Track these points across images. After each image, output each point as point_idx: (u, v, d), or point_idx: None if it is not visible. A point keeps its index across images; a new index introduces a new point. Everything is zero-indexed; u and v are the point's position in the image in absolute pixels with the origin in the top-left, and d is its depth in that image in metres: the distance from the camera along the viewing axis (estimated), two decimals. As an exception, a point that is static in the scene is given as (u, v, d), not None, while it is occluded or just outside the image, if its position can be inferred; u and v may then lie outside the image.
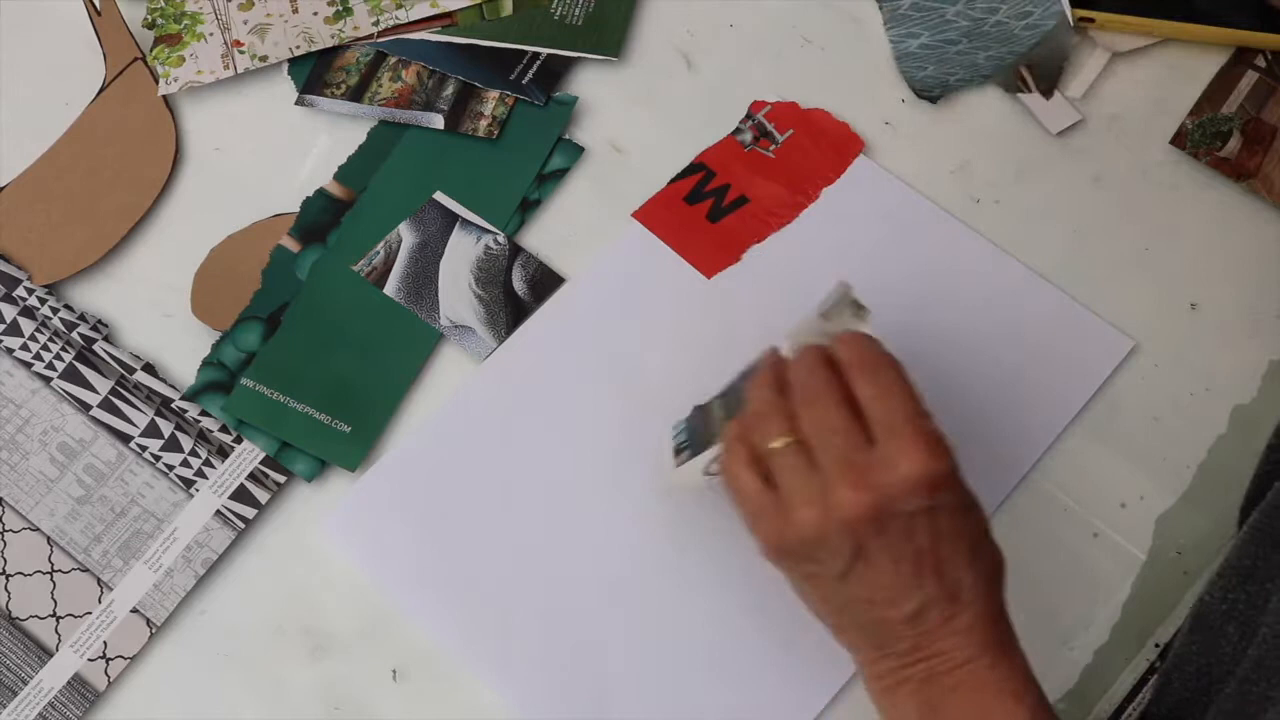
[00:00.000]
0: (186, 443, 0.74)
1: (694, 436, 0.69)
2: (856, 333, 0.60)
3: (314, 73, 0.82)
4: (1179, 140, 0.79)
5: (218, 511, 0.72)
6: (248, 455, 0.73)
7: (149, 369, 0.75)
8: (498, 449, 0.73)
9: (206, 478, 0.73)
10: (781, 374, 0.60)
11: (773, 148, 0.80)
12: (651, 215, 0.78)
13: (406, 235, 0.78)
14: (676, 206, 0.79)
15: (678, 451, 0.68)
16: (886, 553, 0.55)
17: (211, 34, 0.84)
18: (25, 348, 0.76)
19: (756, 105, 0.81)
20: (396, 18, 0.83)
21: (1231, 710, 0.55)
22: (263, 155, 0.81)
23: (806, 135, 0.80)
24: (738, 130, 0.80)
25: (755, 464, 0.58)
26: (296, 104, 0.82)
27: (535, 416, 0.74)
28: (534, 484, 0.72)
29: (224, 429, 0.74)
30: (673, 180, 0.79)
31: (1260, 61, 0.81)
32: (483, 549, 0.71)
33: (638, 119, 0.82)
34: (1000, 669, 0.56)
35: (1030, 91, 0.81)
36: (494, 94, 0.82)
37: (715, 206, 0.78)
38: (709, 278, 0.77)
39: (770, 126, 0.80)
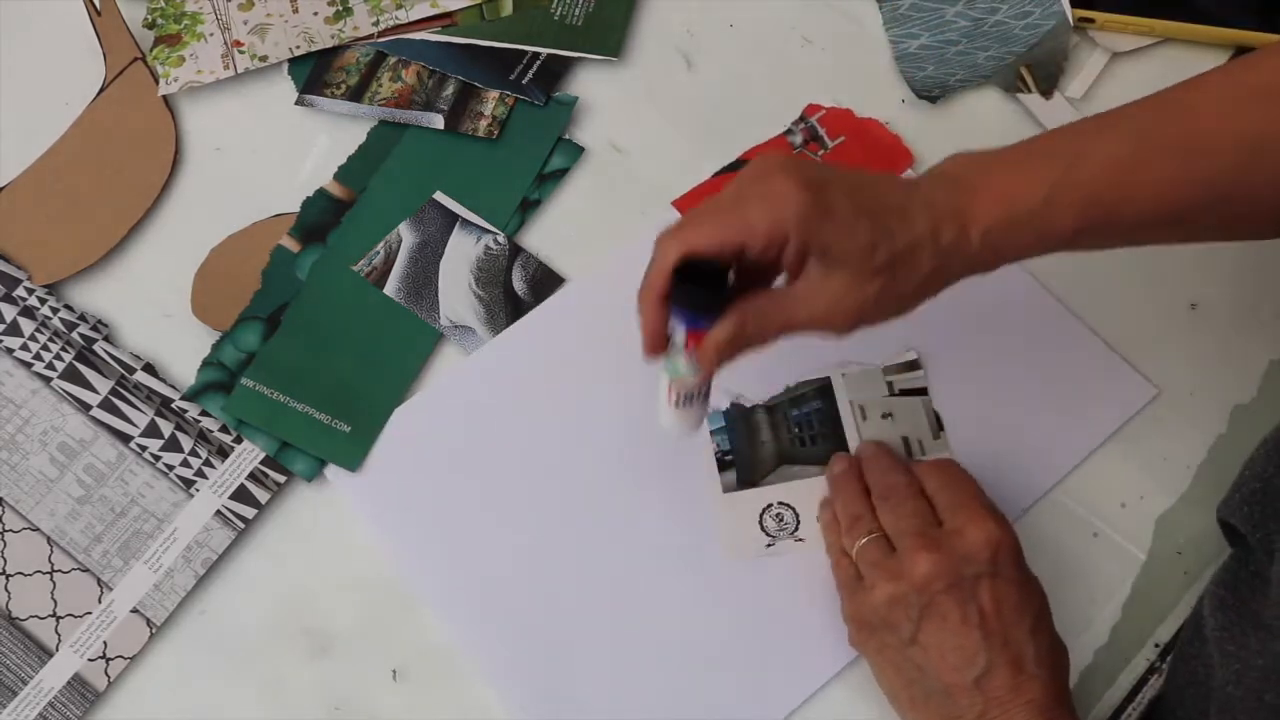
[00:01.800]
0: (186, 443, 0.74)
1: (737, 447, 0.71)
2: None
3: (314, 73, 0.82)
4: (1179, 140, 0.79)
5: (218, 511, 0.72)
6: (248, 455, 0.73)
7: (149, 369, 0.75)
8: (501, 442, 0.73)
9: (206, 478, 0.73)
10: (859, 474, 0.68)
11: (821, 152, 0.79)
12: (692, 205, 0.78)
13: (406, 235, 0.78)
14: None
15: (721, 461, 0.71)
16: (954, 611, 0.60)
17: (211, 34, 0.84)
18: (25, 348, 0.76)
19: (811, 108, 0.81)
20: (396, 18, 0.83)
21: None
22: (263, 155, 0.81)
23: (857, 143, 0.79)
24: (789, 131, 0.80)
25: (849, 562, 0.66)
26: (296, 104, 0.82)
27: (543, 408, 0.74)
28: (534, 479, 0.72)
29: (224, 429, 0.74)
30: (717, 173, 0.79)
31: (1260, 61, 0.81)
32: (483, 541, 0.71)
33: (638, 119, 0.82)
34: None
35: (1030, 91, 0.81)
36: (494, 94, 0.82)
37: None
38: None
39: (822, 131, 0.80)
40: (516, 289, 0.77)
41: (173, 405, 0.74)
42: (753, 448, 0.72)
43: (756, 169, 0.59)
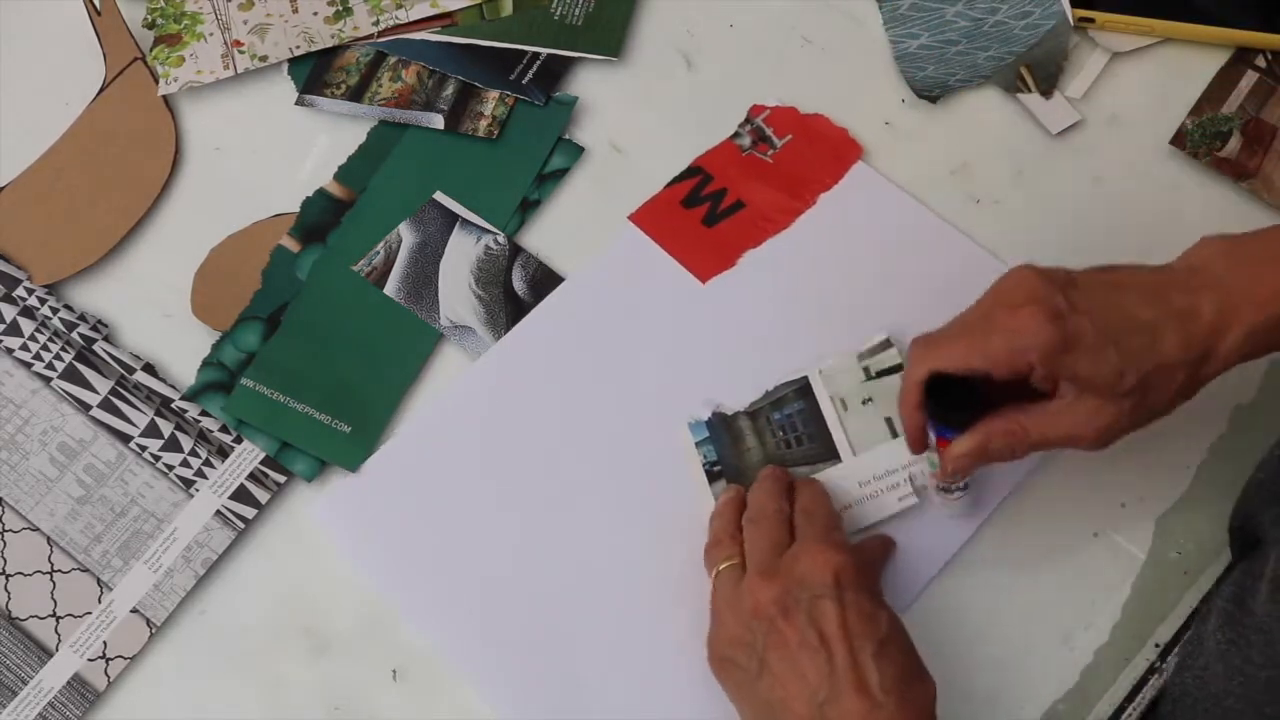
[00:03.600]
0: (186, 443, 0.74)
1: (724, 457, 0.71)
2: (813, 480, 0.69)
3: (314, 73, 0.82)
4: (1179, 140, 0.79)
5: (218, 511, 0.72)
6: (248, 455, 0.73)
7: (149, 369, 0.75)
8: (488, 450, 0.73)
9: (206, 478, 0.73)
10: (740, 503, 0.68)
11: (771, 152, 0.80)
12: (648, 218, 0.78)
13: (406, 235, 0.78)
14: (673, 210, 0.78)
15: (710, 472, 0.71)
16: (793, 635, 0.59)
17: (211, 34, 0.84)
18: (25, 348, 0.76)
19: (756, 109, 0.81)
20: (396, 18, 0.83)
21: None
22: (263, 155, 0.81)
23: (805, 140, 0.80)
24: (736, 134, 0.80)
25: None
26: (296, 104, 0.82)
27: (527, 418, 0.74)
28: (524, 486, 0.72)
29: (224, 429, 0.74)
30: (669, 184, 0.79)
31: (1260, 61, 0.81)
32: (471, 548, 0.71)
33: (638, 119, 0.82)
34: None
35: (1030, 91, 0.81)
36: (494, 94, 0.82)
37: (712, 211, 0.78)
38: (704, 282, 0.76)
39: (769, 131, 0.80)
40: (516, 289, 0.77)
41: (173, 405, 0.74)
42: (738, 456, 0.71)
43: (1007, 292, 0.61)
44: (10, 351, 0.76)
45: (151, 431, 0.74)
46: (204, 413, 0.74)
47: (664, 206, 0.79)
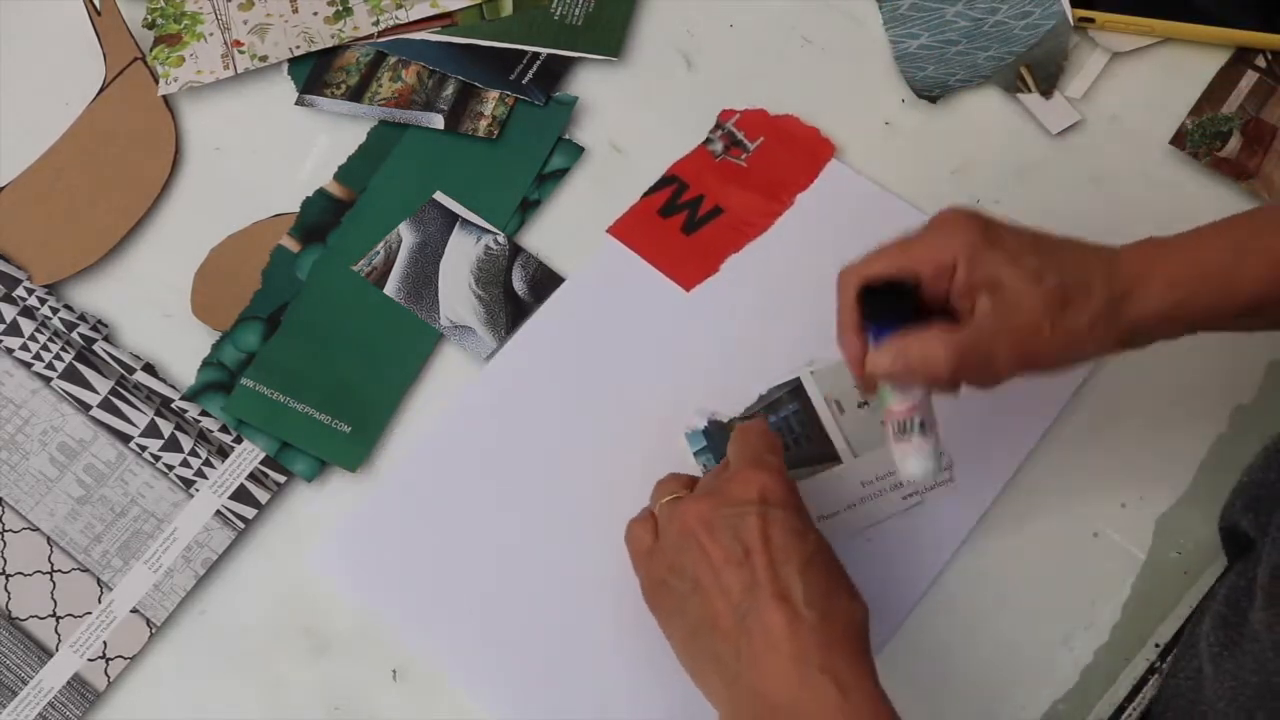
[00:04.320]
0: (186, 443, 0.74)
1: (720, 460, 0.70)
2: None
3: (314, 73, 0.82)
4: (1179, 140, 0.79)
5: (218, 511, 0.72)
6: (248, 455, 0.73)
7: (149, 369, 0.75)
8: (482, 473, 0.73)
9: (206, 478, 0.73)
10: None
11: (744, 156, 0.79)
12: (627, 230, 0.78)
13: (406, 235, 0.78)
14: (651, 220, 0.78)
15: None
16: (718, 549, 0.59)
17: (211, 34, 0.84)
18: (25, 348, 0.76)
19: (725, 114, 0.81)
20: (396, 18, 0.83)
21: None
22: (263, 155, 0.81)
23: (777, 142, 0.80)
24: (708, 140, 0.80)
25: (651, 526, 0.65)
26: (296, 104, 0.82)
27: (520, 441, 0.73)
28: (520, 505, 0.72)
29: (224, 429, 0.74)
30: (646, 194, 0.79)
31: (1260, 61, 0.81)
32: (471, 570, 0.70)
33: (638, 119, 0.82)
34: (850, 703, 0.55)
35: (1030, 91, 0.81)
36: (494, 94, 0.82)
37: (690, 218, 0.78)
38: (688, 290, 0.76)
39: (740, 135, 0.80)
40: (516, 289, 0.77)
41: (173, 405, 0.74)
42: None
43: (936, 216, 0.62)
44: (10, 351, 0.76)
45: (151, 431, 0.74)
46: (204, 413, 0.74)
47: (642, 217, 0.78)
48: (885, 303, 0.62)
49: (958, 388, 0.62)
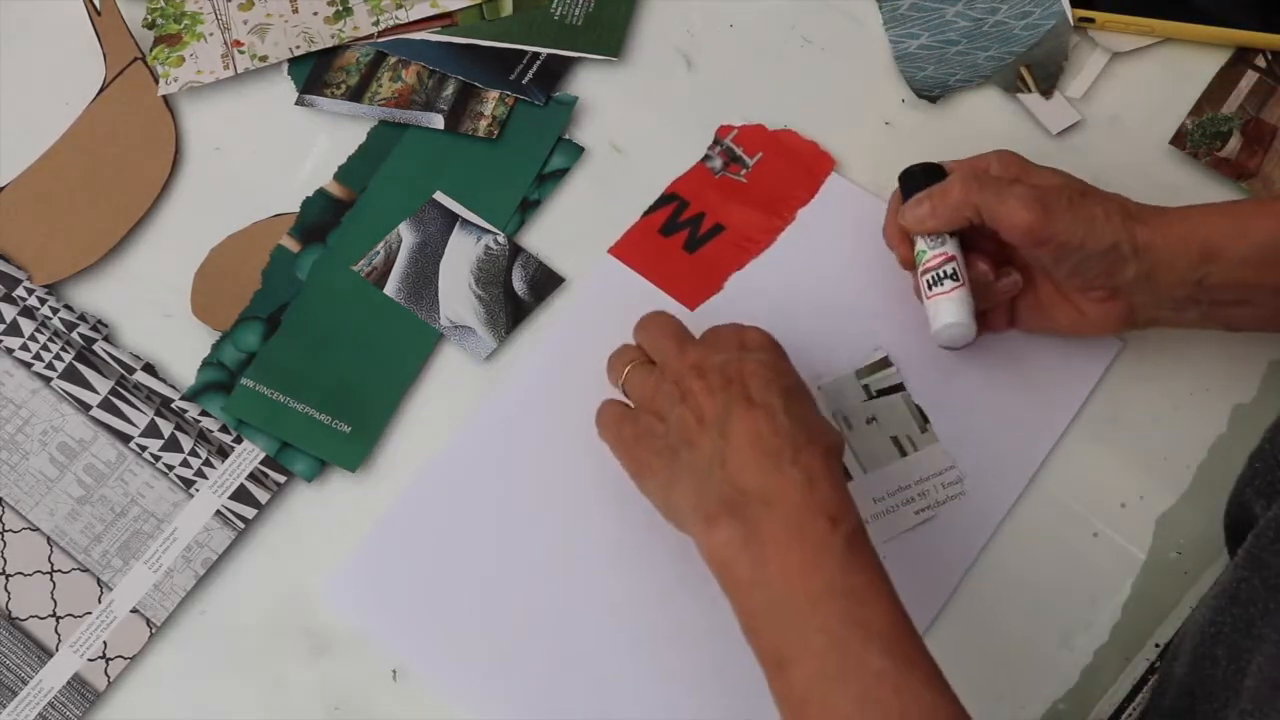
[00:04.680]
0: (186, 443, 0.74)
1: None
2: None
3: (314, 73, 0.82)
4: (1179, 140, 0.79)
5: (218, 511, 0.72)
6: (248, 455, 0.73)
7: (149, 369, 0.75)
8: (490, 501, 0.72)
9: (206, 478, 0.73)
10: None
11: (743, 172, 0.79)
12: (628, 250, 0.78)
13: (406, 235, 0.78)
14: (652, 239, 0.78)
15: None
16: (699, 386, 0.62)
17: (211, 34, 0.84)
18: (25, 348, 0.76)
19: (723, 130, 0.80)
20: (396, 18, 0.83)
21: None
22: (263, 155, 0.81)
23: (777, 157, 0.79)
24: (707, 157, 0.80)
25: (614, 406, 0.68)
26: (296, 104, 0.82)
27: (527, 465, 0.73)
28: (530, 534, 0.71)
29: (224, 429, 0.74)
30: (646, 213, 0.79)
31: (1260, 61, 0.81)
32: (480, 603, 0.70)
33: (638, 119, 0.82)
34: (817, 491, 0.59)
35: (1030, 92, 0.81)
36: (494, 94, 0.82)
37: (692, 236, 0.78)
38: (692, 310, 0.76)
39: (739, 151, 0.80)
40: (516, 289, 0.77)
41: (173, 405, 0.74)
42: None
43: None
44: (10, 351, 0.76)
45: (151, 431, 0.74)
46: (204, 413, 0.74)
47: (642, 236, 0.78)
48: (920, 180, 0.70)
49: (979, 226, 0.68)
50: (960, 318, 0.68)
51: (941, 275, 0.68)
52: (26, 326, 0.76)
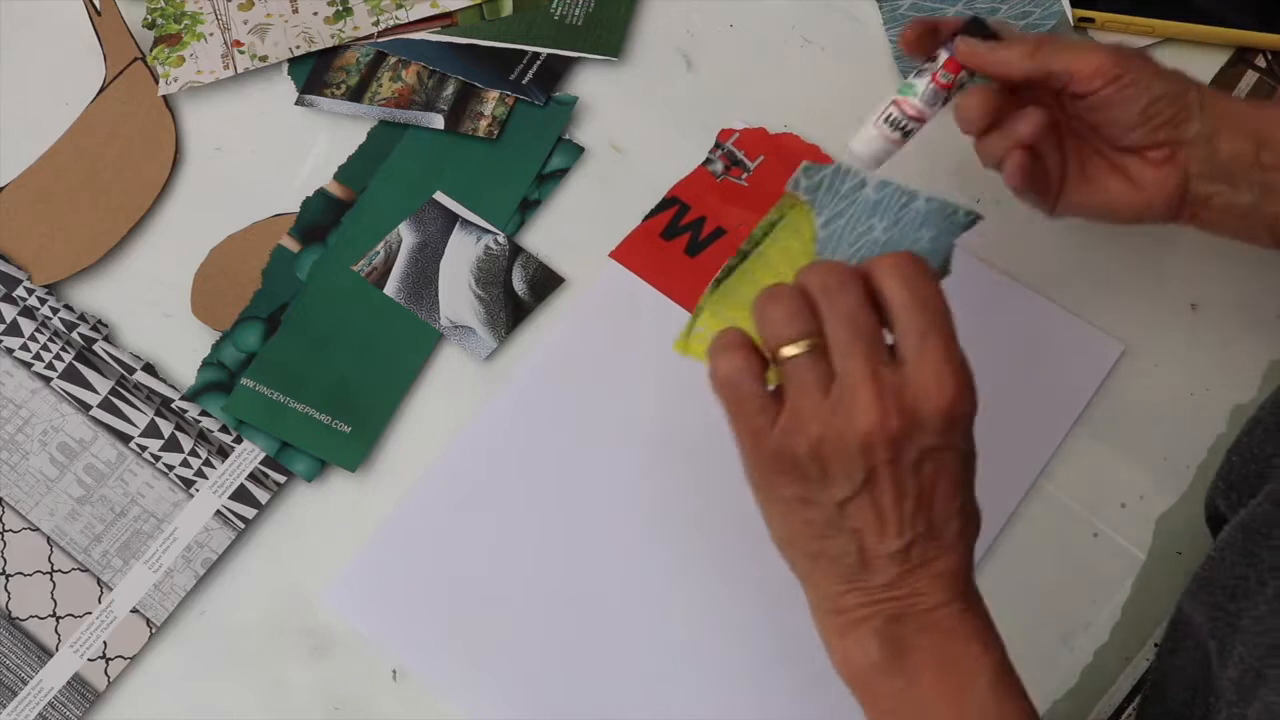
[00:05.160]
0: (186, 443, 0.74)
1: None
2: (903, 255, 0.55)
3: (314, 73, 0.82)
4: (1179, 140, 0.79)
5: (218, 511, 0.72)
6: (248, 455, 0.73)
7: (149, 369, 0.75)
8: (491, 506, 0.72)
9: (206, 478, 0.73)
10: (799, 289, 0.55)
11: (745, 176, 0.79)
12: (629, 254, 0.77)
13: (406, 235, 0.78)
14: (653, 243, 0.78)
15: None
16: (894, 485, 0.53)
17: (211, 34, 0.84)
18: (25, 348, 0.76)
19: (724, 134, 0.80)
20: (396, 18, 0.83)
21: None
22: (263, 155, 0.81)
23: (778, 160, 0.79)
24: (708, 160, 0.80)
25: (760, 367, 0.54)
26: (296, 104, 0.82)
27: (531, 470, 0.73)
28: (528, 537, 0.71)
29: (224, 429, 0.74)
30: (647, 216, 0.79)
31: (1260, 61, 0.81)
32: (481, 607, 0.70)
33: (638, 119, 0.82)
34: (971, 618, 0.55)
35: (1030, 91, 0.81)
36: (494, 94, 0.82)
37: (693, 240, 0.78)
38: None
39: (740, 154, 0.80)
40: (516, 289, 0.77)
41: (173, 405, 0.74)
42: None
43: None
44: (10, 351, 0.76)
45: (151, 431, 0.74)
46: (204, 413, 0.74)
47: (644, 240, 0.78)
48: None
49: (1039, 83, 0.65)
50: (865, 152, 0.66)
51: (896, 123, 0.65)
52: (26, 326, 0.76)
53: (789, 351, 0.53)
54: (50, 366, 0.75)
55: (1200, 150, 0.64)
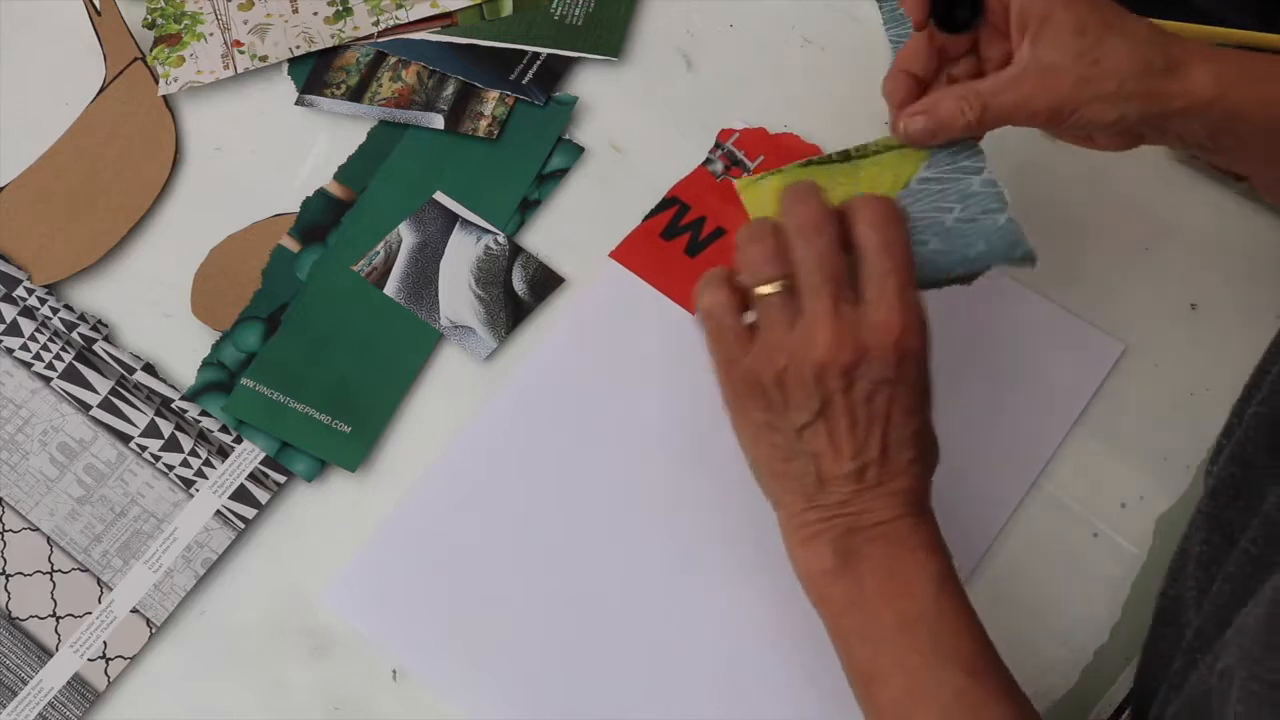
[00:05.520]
0: (186, 443, 0.74)
1: None
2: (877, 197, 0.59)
3: (314, 73, 0.82)
4: (1179, 140, 0.79)
5: (218, 511, 0.72)
6: (248, 455, 0.73)
7: (149, 369, 0.75)
8: (491, 506, 0.72)
9: (206, 478, 0.73)
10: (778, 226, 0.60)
11: (745, 176, 0.79)
12: (629, 254, 0.78)
13: (406, 235, 0.78)
14: (653, 243, 0.78)
15: None
16: (847, 413, 0.58)
17: (211, 34, 0.84)
18: (25, 348, 0.76)
19: (724, 133, 0.80)
20: (396, 18, 0.83)
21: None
22: (263, 155, 0.81)
23: (777, 160, 0.79)
24: (708, 160, 0.80)
25: (739, 302, 0.60)
26: (296, 104, 0.82)
27: (531, 470, 0.72)
28: (529, 537, 0.71)
29: (224, 429, 0.74)
30: (647, 216, 0.79)
31: (1260, 61, 0.81)
32: (481, 607, 0.70)
33: (638, 119, 0.82)
34: (920, 531, 0.59)
35: (1030, 91, 0.81)
36: (494, 94, 0.82)
37: (693, 240, 0.78)
38: (694, 314, 0.76)
39: (740, 154, 0.80)
40: (516, 289, 0.77)
41: (173, 405, 0.75)
42: None
43: None
44: (10, 351, 0.76)
45: (151, 431, 0.74)
46: (204, 413, 0.74)
47: (644, 240, 0.78)
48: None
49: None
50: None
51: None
52: (26, 326, 0.76)
53: (764, 290, 0.58)
54: (50, 366, 0.75)
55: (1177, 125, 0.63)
